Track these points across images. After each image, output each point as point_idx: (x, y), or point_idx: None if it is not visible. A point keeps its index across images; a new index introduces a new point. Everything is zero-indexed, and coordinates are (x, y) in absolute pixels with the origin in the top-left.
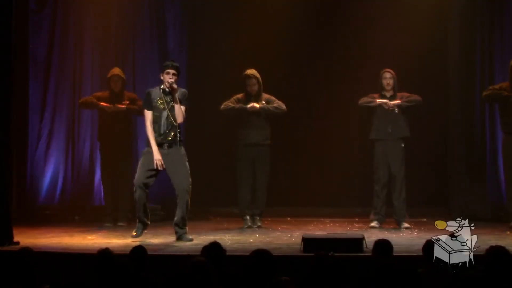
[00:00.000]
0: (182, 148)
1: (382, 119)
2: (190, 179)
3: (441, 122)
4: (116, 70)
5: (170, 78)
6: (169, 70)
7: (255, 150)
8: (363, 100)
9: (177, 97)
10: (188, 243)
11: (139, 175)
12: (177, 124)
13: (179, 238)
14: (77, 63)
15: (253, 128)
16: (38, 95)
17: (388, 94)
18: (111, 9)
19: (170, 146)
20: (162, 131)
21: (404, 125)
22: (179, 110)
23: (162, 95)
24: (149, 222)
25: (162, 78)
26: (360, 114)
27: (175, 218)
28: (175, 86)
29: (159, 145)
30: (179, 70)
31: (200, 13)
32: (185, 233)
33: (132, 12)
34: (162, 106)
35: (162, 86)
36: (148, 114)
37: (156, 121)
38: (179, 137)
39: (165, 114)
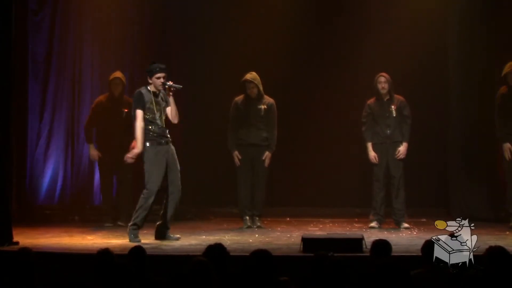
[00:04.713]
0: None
1: (380, 123)
2: None
3: (441, 122)
4: (118, 74)
5: (163, 82)
6: (159, 75)
7: (254, 150)
8: (364, 133)
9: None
10: (187, 243)
11: (156, 181)
12: (166, 125)
13: (164, 237)
14: (77, 63)
15: (253, 128)
16: (38, 95)
17: (384, 98)
18: (111, 9)
19: (167, 143)
20: (160, 131)
21: (403, 129)
22: (176, 111)
23: (153, 98)
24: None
25: (150, 81)
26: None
27: (166, 216)
28: (177, 86)
29: (159, 143)
30: (166, 70)
31: (200, 13)
32: (169, 231)
33: (132, 12)
34: (155, 108)
35: (149, 88)
36: (140, 114)
37: (152, 122)
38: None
39: (158, 115)
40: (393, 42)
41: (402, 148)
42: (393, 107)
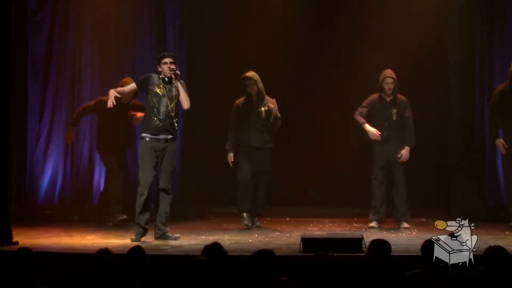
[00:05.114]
0: (175, 144)
1: (379, 124)
2: None
3: (441, 123)
4: (130, 81)
5: (169, 67)
6: (166, 60)
7: (256, 153)
8: (357, 115)
9: (180, 84)
10: (186, 243)
11: (146, 181)
12: (175, 115)
13: (162, 236)
14: (77, 63)
15: (256, 131)
16: (38, 95)
17: (388, 98)
18: (111, 9)
19: (166, 141)
20: (161, 117)
21: (402, 131)
22: (185, 96)
23: (162, 83)
24: (148, 227)
25: (159, 69)
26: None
27: (159, 216)
28: (178, 72)
29: (157, 139)
30: (176, 58)
31: (200, 13)
32: (168, 231)
33: (132, 12)
34: (161, 92)
35: (160, 76)
36: (132, 85)
37: (156, 109)
38: (176, 128)
39: (164, 101)
40: (393, 42)
41: (405, 152)
42: (394, 110)
